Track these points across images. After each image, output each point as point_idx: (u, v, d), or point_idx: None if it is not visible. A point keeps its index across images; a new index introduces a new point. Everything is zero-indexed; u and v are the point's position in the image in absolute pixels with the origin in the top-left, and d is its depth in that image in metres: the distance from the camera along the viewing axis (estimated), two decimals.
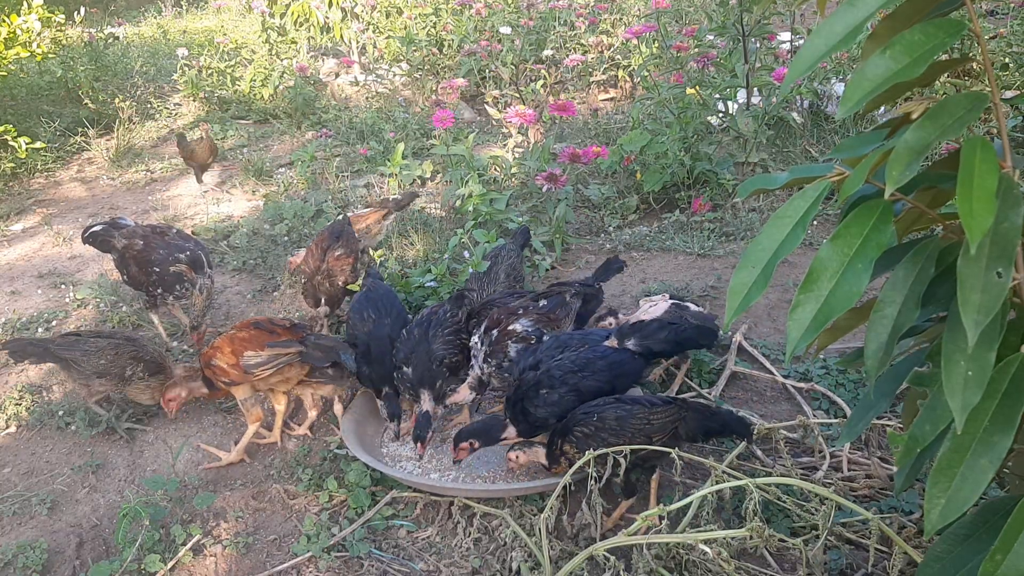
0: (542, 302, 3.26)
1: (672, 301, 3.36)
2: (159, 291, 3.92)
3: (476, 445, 2.84)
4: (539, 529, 2.51)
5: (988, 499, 1.64)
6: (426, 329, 3.24)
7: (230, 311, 4.43)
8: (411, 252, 4.69)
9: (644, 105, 6.11)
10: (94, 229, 4.20)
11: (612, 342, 2.93)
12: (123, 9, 15.37)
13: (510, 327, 3.13)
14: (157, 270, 3.88)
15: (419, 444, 3.02)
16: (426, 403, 3.12)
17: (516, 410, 2.83)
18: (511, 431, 2.84)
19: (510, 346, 3.10)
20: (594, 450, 2.46)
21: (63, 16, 7.67)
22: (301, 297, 4.03)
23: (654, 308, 3.31)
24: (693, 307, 3.35)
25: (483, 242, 4.10)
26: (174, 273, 3.86)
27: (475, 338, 3.19)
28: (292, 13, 9.08)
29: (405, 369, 3.15)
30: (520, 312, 3.19)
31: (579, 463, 2.56)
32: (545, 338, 3.09)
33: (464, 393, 3.18)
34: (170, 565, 2.64)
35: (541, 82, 7.31)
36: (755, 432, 2.64)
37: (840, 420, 3.06)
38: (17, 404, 3.61)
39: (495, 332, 3.13)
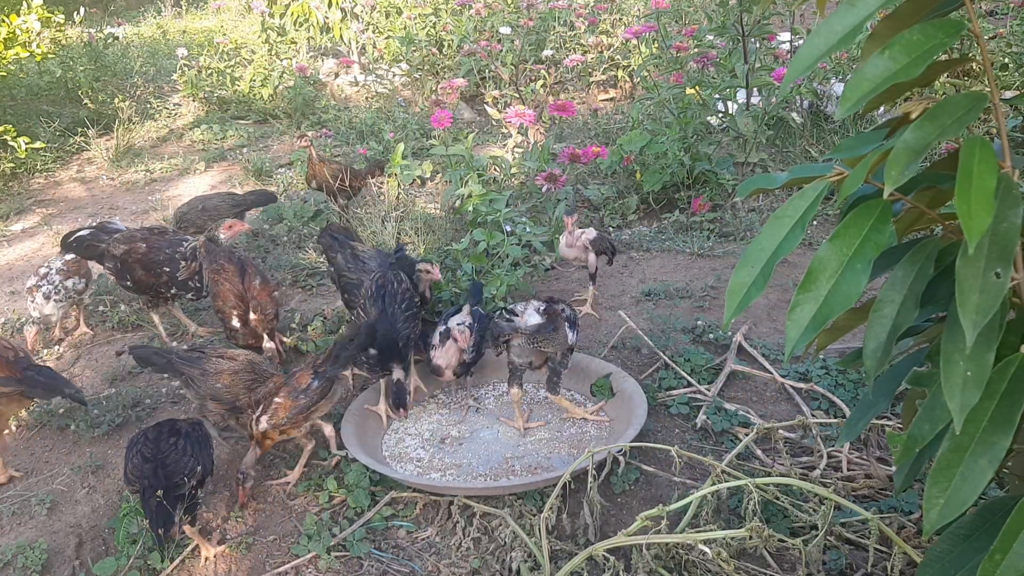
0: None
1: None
2: (172, 291, 3.88)
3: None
4: (539, 529, 2.51)
5: (987, 499, 1.64)
6: (383, 307, 3.26)
7: None
8: (414, 253, 4.69)
9: (644, 105, 6.11)
10: (80, 234, 4.05)
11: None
12: (123, 9, 15.38)
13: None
14: (167, 270, 3.82)
15: (401, 410, 3.19)
16: (397, 372, 3.21)
17: None
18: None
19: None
20: None
21: (63, 16, 7.68)
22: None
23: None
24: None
25: (483, 240, 4.11)
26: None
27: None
28: (292, 13, 9.08)
29: (371, 351, 3.20)
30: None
31: (578, 461, 2.57)
32: None
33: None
34: (170, 565, 2.64)
35: (541, 82, 7.31)
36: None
37: (839, 420, 3.06)
38: None
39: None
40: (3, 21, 6.82)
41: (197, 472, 2.62)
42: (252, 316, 3.17)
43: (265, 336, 3.46)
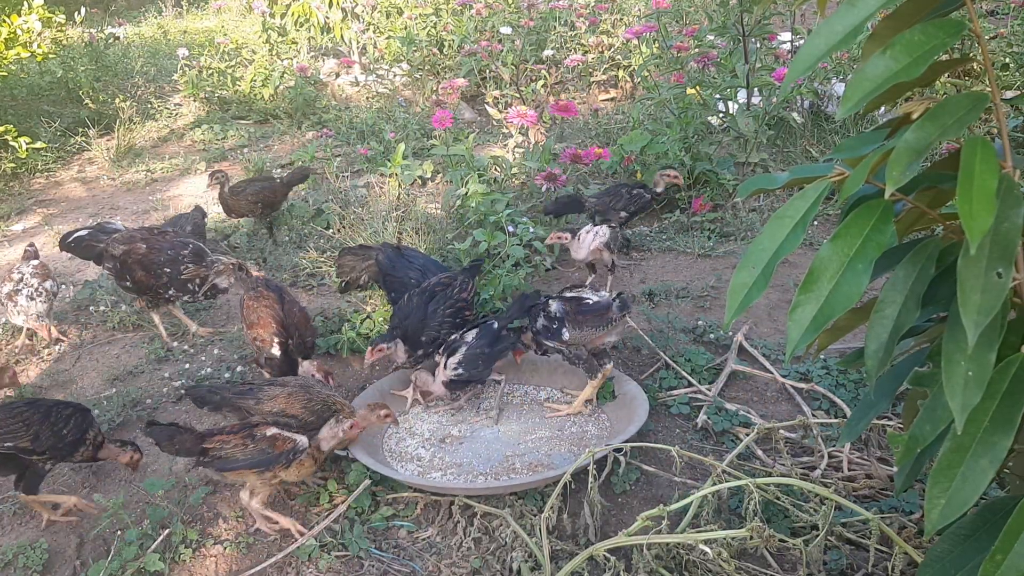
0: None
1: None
2: (171, 292, 3.86)
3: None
4: (539, 529, 2.51)
5: (988, 499, 1.64)
6: (427, 301, 3.30)
7: (231, 311, 4.43)
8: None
9: (644, 105, 6.11)
10: (79, 234, 4.04)
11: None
12: (123, 9, 15.39)
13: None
14: (168, 271, 3.80)
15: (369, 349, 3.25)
16: (400, 353, 3.30)
17: None
18: None
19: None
20: None
21: (63, 16, 7.68)
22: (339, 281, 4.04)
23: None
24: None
25: (483, 240, 4.12)
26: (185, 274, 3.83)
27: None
28: (292, 13, 9.09)
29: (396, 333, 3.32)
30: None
31: (579, 460, 2.57)
32: None
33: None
34: (170, 565, 2.64)
35: (542, 82, 7.31)
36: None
37: (840, 420, 3.06)
38: None
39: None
40: (4, 21, 6.83)
41: (19, 437, 2.70)
42: (291, 343, 3.18)
43: (300, 360, 3.36)
